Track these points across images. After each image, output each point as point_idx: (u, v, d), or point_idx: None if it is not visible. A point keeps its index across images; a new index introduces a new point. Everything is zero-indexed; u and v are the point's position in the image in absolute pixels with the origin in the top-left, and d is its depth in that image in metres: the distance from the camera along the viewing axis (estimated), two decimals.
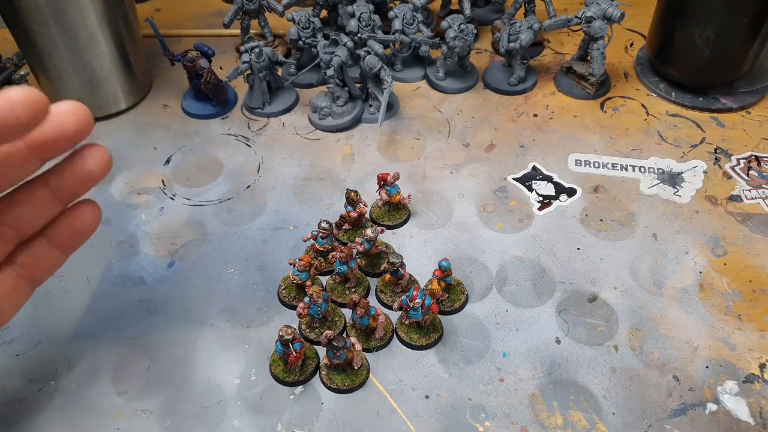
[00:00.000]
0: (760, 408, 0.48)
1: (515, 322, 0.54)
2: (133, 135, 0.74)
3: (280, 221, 0.63)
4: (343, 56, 0.69)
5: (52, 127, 0.33)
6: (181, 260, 0.60)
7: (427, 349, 0.53)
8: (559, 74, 0.79)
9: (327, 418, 0.49)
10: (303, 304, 0.52)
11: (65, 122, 0.33)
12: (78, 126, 0.33)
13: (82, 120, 0.34)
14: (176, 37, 0.87)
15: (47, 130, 0.33)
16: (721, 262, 0.58)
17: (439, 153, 0.70)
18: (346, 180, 0.67)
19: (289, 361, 0.50)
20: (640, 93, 0.77)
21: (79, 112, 0.33)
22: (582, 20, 0.72)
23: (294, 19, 0.75)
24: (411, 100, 0.77)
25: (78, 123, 0.33)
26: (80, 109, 0.34)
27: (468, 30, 0.73)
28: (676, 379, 0.50)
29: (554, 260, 0.59)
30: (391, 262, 0.53)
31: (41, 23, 0.65)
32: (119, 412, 0.49)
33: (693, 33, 0.69)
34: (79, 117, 0.33)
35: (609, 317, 0.55)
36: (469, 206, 0.64)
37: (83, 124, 0.34)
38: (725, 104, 0.74)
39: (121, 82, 0.74)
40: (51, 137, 0.33)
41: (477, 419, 0.48)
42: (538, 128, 0.73)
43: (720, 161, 0.68)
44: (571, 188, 0.66)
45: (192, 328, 0.55)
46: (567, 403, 0.49)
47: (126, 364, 0.52)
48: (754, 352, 0.52)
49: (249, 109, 0.76)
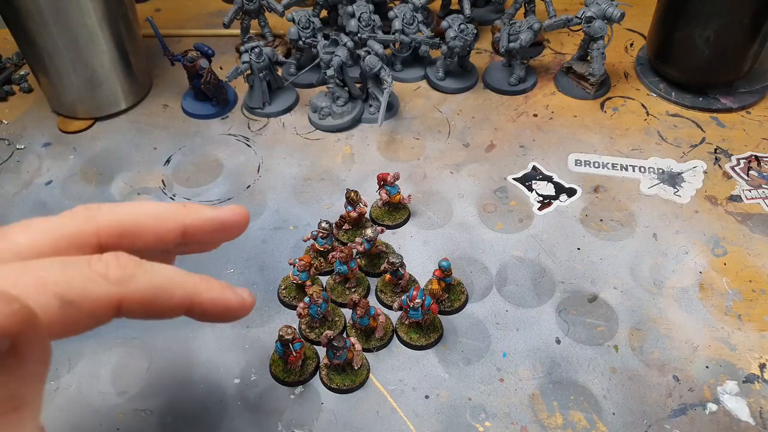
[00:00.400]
0: (760, 408, 0.48)
1: (515, 322, 0.54)
2: (133, 135, 0.74)
3: (280, 221, 0.63)
4: (343, 56, 0.69)
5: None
6: (181, 260, 0.60)
7: (427, 349, 0.53)
8: (559, 74, 0.79)
9: (327, 418, 0.49)
10: (303, 304, 0.52)
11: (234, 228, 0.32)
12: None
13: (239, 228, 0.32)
14: (176, 37, 0.87)
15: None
16: (721, 262, 0.58)
17: (439, 153, 0.70)
18: (346, 180, 0.67)
19: (289, 361, 0.50)
20: (640, 93, 0.77)
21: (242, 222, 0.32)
22: (582, 20, 0.72)
23: (294, 19, 0.75)
24: (411, 100, 0.77)
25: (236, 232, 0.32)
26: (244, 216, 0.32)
27: (468, 30, 0.73)
28: (676, 379, 0.50)
29: (554, 260, 0.59)
30: (391, 262, 0.53)
31: (41, 23, 0.65)
32: (119, 412, 0.49)
33: (693, 33, 0.69)
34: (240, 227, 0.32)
35: (609, 317, 0.55)
36: (469, 206, 0.64)
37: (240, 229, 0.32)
38: (725, 104, 0.74)
39: (121, 82, 0.74)
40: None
41: (477, 419, 0.48)
42: (538, 128, 0.73)
43: (720, 161, 0.68)
44: (571, 188, 0.66)
45: (192, 328, 0.55)
46: (567, 403, 0.49)
47: (126, 364, 0.52)
48: (754, 352, 0.52)
49: (249, 109, 0.76)
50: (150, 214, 0.29)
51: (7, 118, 0.77)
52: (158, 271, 0.26)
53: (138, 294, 0.25)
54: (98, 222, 0.27)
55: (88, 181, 0.68)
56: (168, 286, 0.26)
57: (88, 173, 0.69)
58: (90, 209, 0.28)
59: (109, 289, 0.24)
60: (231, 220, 0.31)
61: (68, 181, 0.68)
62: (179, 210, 0.30)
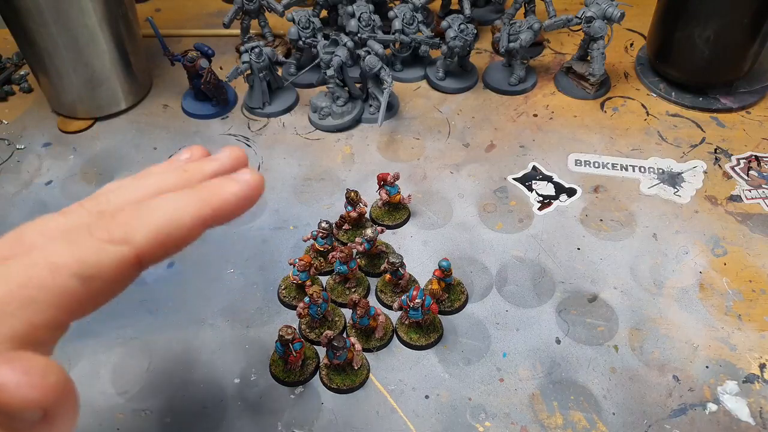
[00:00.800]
0: (760, 408, 0.48)
1: (515, 322, 0.54)
2: (133, 135, 0.74)
3: (280, 221, 0.63)
4: (343, 56, 0.69)
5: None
6: (182, 260, 0.60)
7: (427, 349, 0.53)
8: (559, 74, 0.79)
9: (327, 418, 0.49)
10: (303, 304, 0.52)
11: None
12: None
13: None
14: (176, 37, 0.87)
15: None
16: (721, 262, 0.58)
17: (439, 153, 0.70)
18: (346, 180, 0.67)
19: (289, 361, 0.50)
20: (640, 93, 0.77)
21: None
22: (582, 20, 0.72)
23: (294, 19, 0.75)
24: (411, 100, 0.77)
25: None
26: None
27: (468, 30, 0.73)
28: (676, 379, 0.50)
29: (554, 260, 0.59)
30: (391, 262, 0.53)
31: (41, 23, 0.65)
32: (119, 412, 0.49)
33: (693, 33, 0.69)
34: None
35: (609, 317, 0.55)
36: (469, 206, 0.64)
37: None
38: (725, 104, 0.74)
39: (121, 82, 0.74)
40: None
41: (477, 419, 0.48)
42: (538, 128, 0.73)
43: (720, 161, 0.68)
44: (571, 188, 0.66)
45: (192, 328, 0.55)
46: (567, 403, 0.49)
47: (126, 364, 0.52)
48: (754, 352, 0.52)
49: (249, 109, 0.76)
50: (178, 216, 0.27)
51: (7, 118, 0.77)
52: (157, 210, 0.26)
53: (149, 242, 0.25)
54: (136, 245, 0.25)
55: (88, 181, 0.68)
56: (173, 217, 0.26)
57: (88, 173, 0.69)
58: (116, 226, 0.25)
59: (119, 250, 0.24)
60: (251, 192, 0.30)
61: (68, 181, 0.68)
62: (202, 198, 0.28)
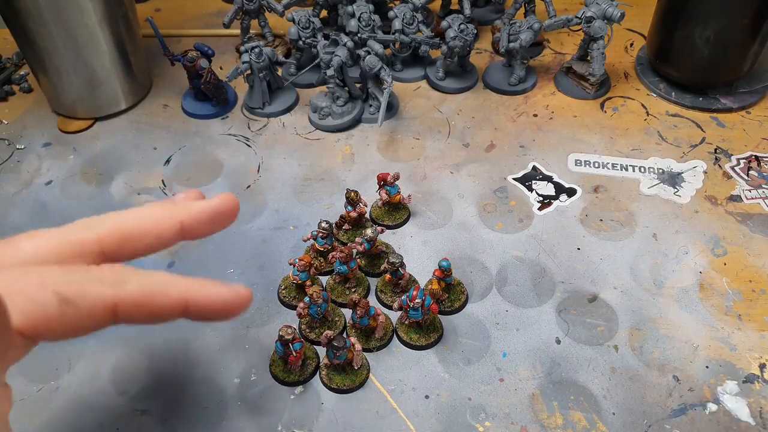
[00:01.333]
0: (760, 408, 0.48)
1: (515, 322, 0.54)
2: (133, 135, 0.74)
3: (280, 221, 0.63)
4: (343, 56, 0.69)
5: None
6: (181, 260, 0.60)
7: (427, 349, 0.53)
8: (559, 74, 0.79)
9: (327, 418, 0.49)
10: (303, 304, 0.52)
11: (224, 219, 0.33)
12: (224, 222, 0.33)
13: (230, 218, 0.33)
14: (176, 37, 0.87)
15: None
16: (721, 262, 0.58)
17: (439, 153, 0.70)
18: (346, 180, 0.67)
19: (289, 361, 0.50)
20: (640, 93, 0.77)
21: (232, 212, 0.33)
22: (582, 20, 0.72)
23: (294, 19, 0.75)
24: (411, 100, 0.77)
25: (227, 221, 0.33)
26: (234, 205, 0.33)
27: (468, 30, 0.73)
28: (676, 379, 0.50)
29: (554, 260, 0.59)
30: (391, 262, 0.53)
31: (41, 23, 0.65)
32: (119, 412, 0.49)
33: (693, 33, 0.69)
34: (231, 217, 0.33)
35: (609, 317, 0.55)
36: (469, 206, 0.64)
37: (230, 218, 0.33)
38: (725, 104, 0.74)
39: (121, 82, 0.74)
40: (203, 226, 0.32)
41: (477, 419, 0.48)
42: (538, 128, 0.73)
43: (720, 161, 0.68)
44: (571, 188, 0.66)
45: (192, 328, 0.55)
46: (567, 403, 0.49)
47: (126, 364, 0.52)
48: (754, 352, 0.52)
49: (249, 109, 0.76)
50: (147, 216, 0.30)
51: (7, 118, 0.77)
52: (151, 276, 0.27)
53: (133, 295, 0.26)
54: (99, 229, 0.29)
55: (88, 181, 0.68)
56: (161, 286, 0.27)
57: (88, 173, 0.69)
58: (92, 219, 0.29)
59: (105, 290, 0.26)
60: (222, 210, 0.32)
61: (68, 181, 0.68)
62: (173, 208, 0.31)
